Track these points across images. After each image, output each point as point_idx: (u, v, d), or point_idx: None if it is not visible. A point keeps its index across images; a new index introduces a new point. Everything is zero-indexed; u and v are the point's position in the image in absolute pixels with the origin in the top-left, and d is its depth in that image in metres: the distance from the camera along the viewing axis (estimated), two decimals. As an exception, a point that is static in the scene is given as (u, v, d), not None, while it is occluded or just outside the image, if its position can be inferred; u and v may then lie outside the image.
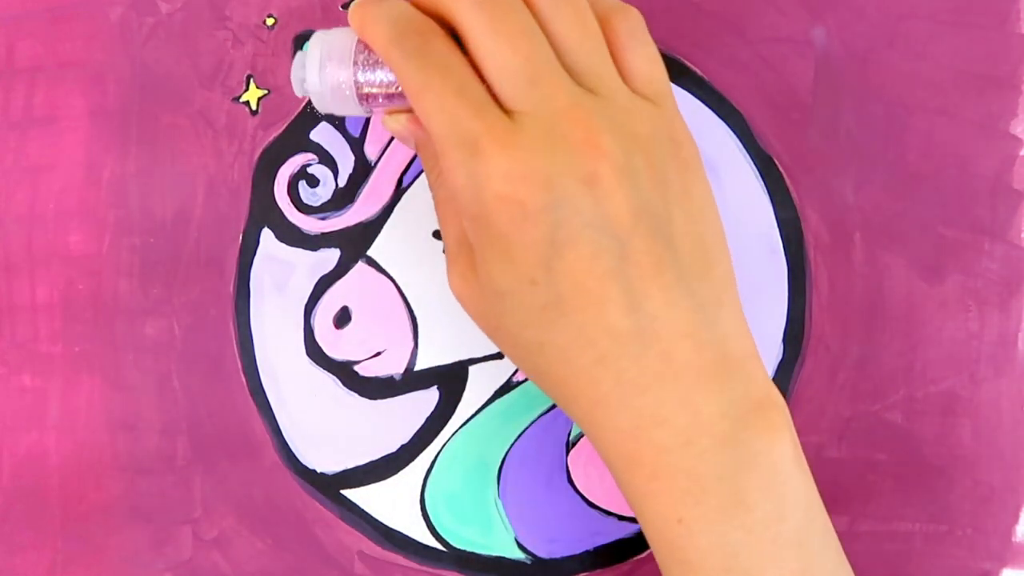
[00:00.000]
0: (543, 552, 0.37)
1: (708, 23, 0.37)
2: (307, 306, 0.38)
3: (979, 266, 0.36)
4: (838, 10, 0.37)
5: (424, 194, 0.38)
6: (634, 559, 0.37)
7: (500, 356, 0.37)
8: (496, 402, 0.37)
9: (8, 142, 0.39)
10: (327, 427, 0.38)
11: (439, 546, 0.37)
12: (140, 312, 0.38)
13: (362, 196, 0.38)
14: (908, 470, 0.36)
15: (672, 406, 0.27)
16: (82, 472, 0.38)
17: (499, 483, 0.37)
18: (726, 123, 0.37)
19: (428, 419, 0.37)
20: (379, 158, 0.38)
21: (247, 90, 0.38)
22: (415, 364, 0.37)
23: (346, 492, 0.38)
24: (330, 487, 0.38)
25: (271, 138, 0.38)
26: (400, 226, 0.38)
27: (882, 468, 0.36)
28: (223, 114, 0.38)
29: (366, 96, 0.30)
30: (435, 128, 0.27)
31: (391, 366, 0.38)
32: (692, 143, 0.29)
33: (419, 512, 0.37)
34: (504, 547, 0.37)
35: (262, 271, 0.38)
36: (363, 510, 0.37)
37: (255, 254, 0.38)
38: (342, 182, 0.38)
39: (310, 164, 0.38)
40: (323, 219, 0.38)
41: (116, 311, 0.39)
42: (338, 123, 0.38)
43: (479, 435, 0.37)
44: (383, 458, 0.37)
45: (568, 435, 0.37)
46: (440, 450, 0.37)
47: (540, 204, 0.26)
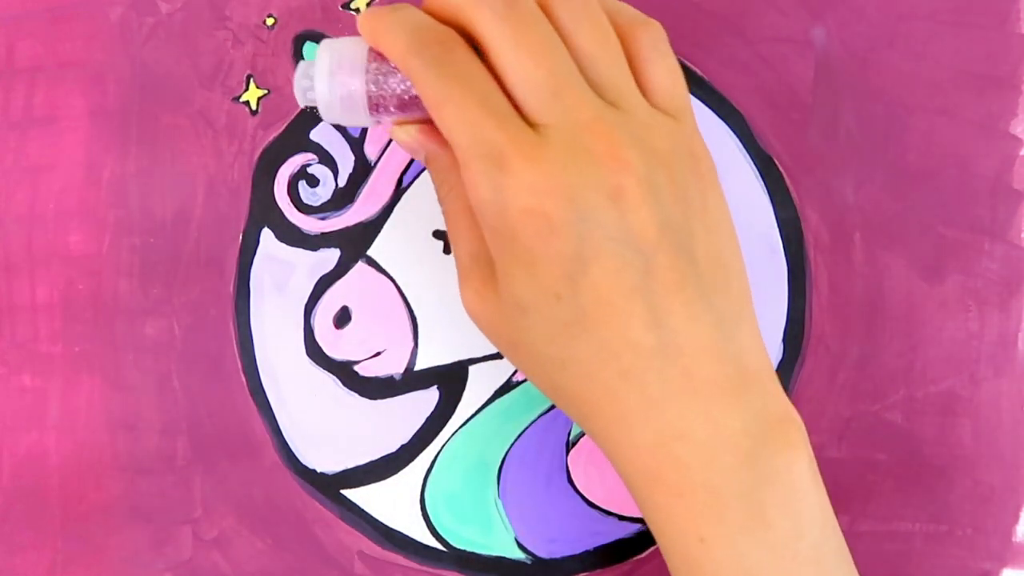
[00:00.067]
0: (543, 552, 0.37)
1: (708, 23, 0.37)
2: (307, 306, 0.38)
3: (979, 266, 0.36)
4: (838, 10, 0.37)
5: (424, 194, 0.38)
6: (634, 559, 0.37)
7: (500, 356, 0.37)
8: (496, 402, 0.37)
9: (8, 142, 0.39)
10: (327, 427, 0.38)
11: (439, 546, 0.37)
12: (140, 312, 0.38)
13: (362, 196, 0.38)
14: (908, 470, 0.36)
15: (694, 421, 0.27)
16: (82, 472, 0.38)
17: (499, 483, 0.37)
18: (726, 123, 0.37)
19: (428, 419, 0.37)
20: (379, 158, 0.38)
21: (247, 90, 0.38)
22: (415, 364, 0.37)
23: (346, 492, 0.38)
24: (330, 487, 0.38)
25: (271, 138, 0.38)
26: (400, 226, 0.38)
27: (882, 468, 0.36)
28: (223, 114, 0.38)
29: (376, 106, 0.29)
30: (458, 139, 0.27)
31: (391, 366, 0.38)
32: (709, 157, 0.29)
33: (419, 512, 0.37)
34: (504, 547, 0.37)
35: (262, 271, 0.38)
36: (363, 510, 0.37)
37: (255, 254, 0.38)
38: (342, 182, 0.38)
39: (310, 164, 0.38)
40: (323, 219, 0.38)
41: (116, 311, 0.39)
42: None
43: (479, 435, 0.37)
44: (383, 458, 0.37)
45: (568, 435, 0.37)
46: (440, 450, 0.37)
47: (566, 218, 0.26)
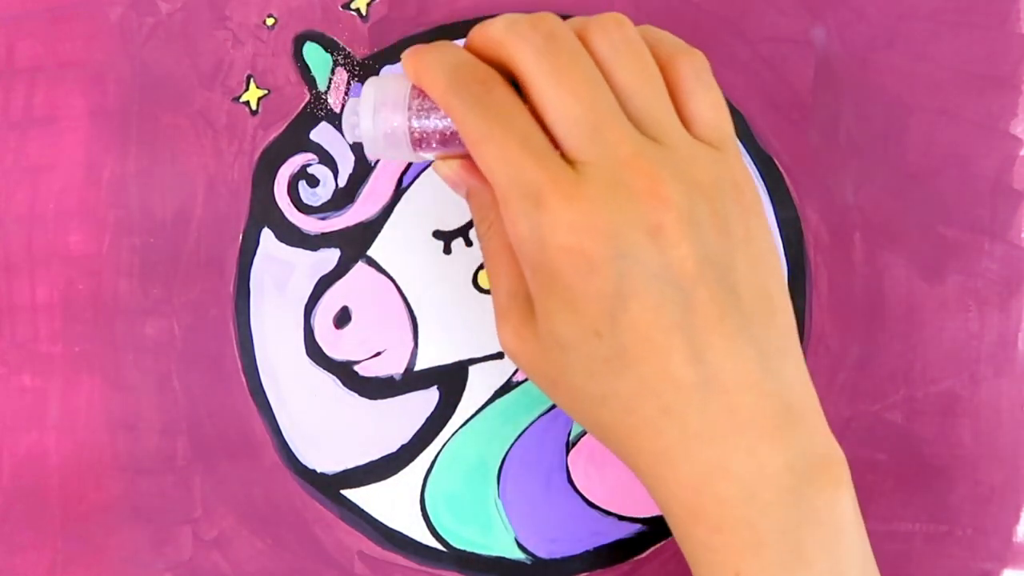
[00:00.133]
0: (543, 552, 0.37)
1: (708, 23, 0.37)
2: (307, 306, 0.38)
3: (979, 266, 0.36)
4: (838, 10, 0.37)
5: (424, 194, 0.37)
6: (634, 559, 0.37)
7: (500, 356, 0.37)
8: (496, 402, 0.37)
9: (8, 142, 0.39)
10: (327, 427, 0.38)
11: (439, 546, 0.37)
12: (140, 312, 0.38)
13: (362, 196, 0.38)
14: (908, 470, 0.36)
15: (737, 458, 0.27)
16: (82, 472, 0.38)
17: (499, 483, 0.37)
18: (726, 123, 0.37)
19: (428, 419, 0.37)
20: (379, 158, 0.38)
21: (247, 90, 0.38)
22: (415, 364, 0.37)
23: (346, 492, 0.38)
24: (330, 487, 0.38)
25: (271, 138, 0.38)
26: (400, 226, 0.38)
27: (882, 468, 0.36)
28: (223, 114, 0.38)
29: (419, 142, 0.30)
30: (497, 178, 0.27)
31: (391, 366, 0.38)
32: (753, 187, 0.29)
33: (419, 512, 0.37)
34: (504, 547, 0.37)
35: (262, 271, 0.38)
36: (363, 510, 0.37)
37: (255, 254, 0.38)
38: (342, 182, 0.38)
39: (310, 164, 0.38)
40: (323, 219, 0.38)
41: (116, 311, 0.39)
42: (338, 123, 0.38)
43: (479, 435, 0.37)
44: (383, 458, 0.37)
45: (568, 435, 0.37)
46: (440, 450, 0.37)
47: (605, 255, 0.26)
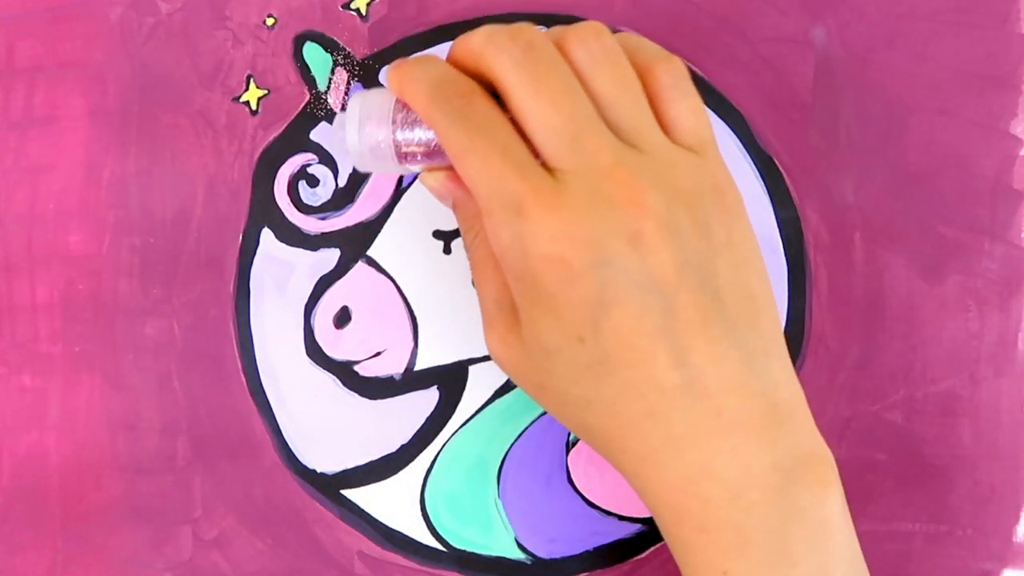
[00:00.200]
0: (543, 552, 0.37)
1: (708, 23, 0.37)
2: (307, 306, 0.38)
3: (979, 266, 0.36)
4: (838, 10, 0.37)
5: (424, 194, 0.37)
6: (634, 559, 0.37)
7: (500, 356, 0.37)
8: (496, 402, 0.37)
9: (8, 142, 0.39)
10: (327, 427, 0.38)
11: (439, 546, 0.37)
12: (140, 312, 0.38)
13: (362, 196, 0.38)
14: (908, 470, 0.36)
15: (722, 459, 0.27)
16: (82, 472, 0.38)
17: (499, 483, 0.37)
18: (726, 123, 0.37)
19: (428, 419, 0.37)
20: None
21: (247, 90, 0.38)
22: (415, 364, 0.37)
23: (346, 492, 0.38)
24: (330, 487, 0.38)
25: (271, 138, 0.38)
26: (400, 226, 0.38)
27: (882, 468, 0.36)
28: (223, 114, 0.38)
29: (405, 155, 0.30)
30: (479, 190, 0.27)
31: (391, 366, 0.38)
32: (735, 189, 0.29)
33: (419, 512, 0.37)
34: (504, 547, 0.37)
35: (262, 271, 0.38)
36: (363, 510, 0.37)
37: (255, 254, 0.38)
38: (342, 182, 0.38)
39: (310, 164, 0.38)
40: (323, 219, 0.38)
41: (116, 311, 0.39)
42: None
43: (479, 435, 0.37)
44: (383, 458, 0.37)
45: (568, 435, 0.37)
46: (440, 450, 0.37)
47: (586, 264, 0.26)
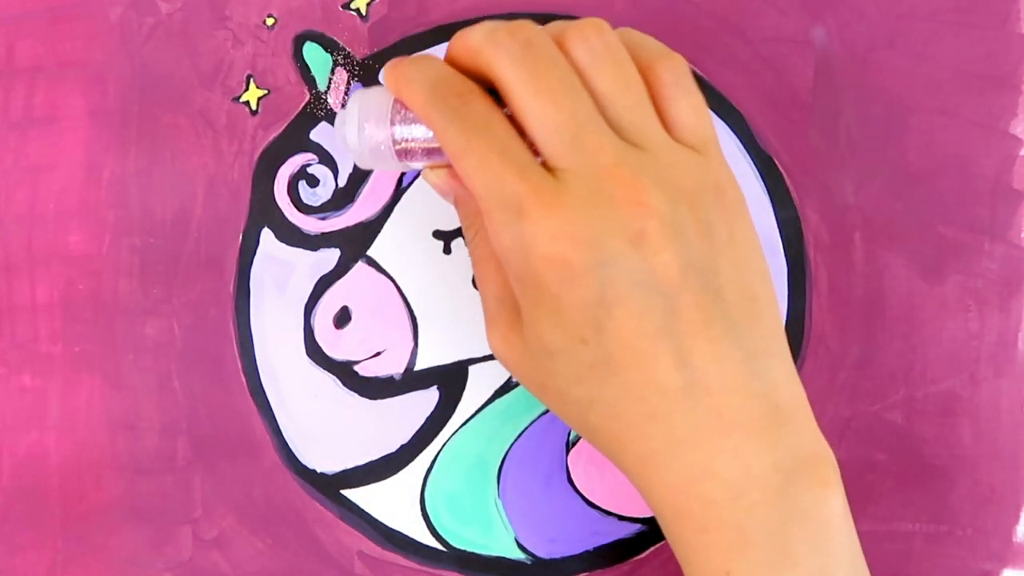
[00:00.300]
0: (543, 552, 0.37)
1: (708, 23, 0.37)
2: (307, 306, 0.38)
3: (979, 266, 0.36)
4: (838, 10, 0.37)
5: (424, 194, 0.37)
6: (634, 559, 0.37)
7: (500, 356, 0.37)
8: (496, 402, 0.37)
9: (8, 142, 0.39)
10: (327, 427, 0.38)
11: (439, 546, 0.37)
12: (140, 312, 0.38)
13: (362, 196, 0.38)
14: (908, 470, 0.36)
15: (723, 460, 0.27)
16: (82, 472, 0.38)
17: (499, 483, 0.37)
18: (726, 123, 0.37)
19: (428, 419, 0.37)
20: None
21: (247, 90, 0.38)
22: (415, 364, 0.37)
23: (346, 492, 0.38)
24: (330, 487, 0.38)
25: (271, 138, 0.38)
26: (400, 226, 0.38)
27: (882, 468, 0.36)
28: (223, 114, 0.38)
29: (404, 153, 0.30)
30: (479, 190, 0.27)
31: (391, 366, 0.38)
32: (736, 188, 0.29)
33: (419, 512, 0.37)
34: (504, 547, 0.37)
35: (262, 271, 0.38)
36: (363, 510, 0.37)
37: (255, 254, 0.38)
38: (342, 182, 0.38)
39: (310, 164, 0.38)
40: (323, 219, 0.38)
41: (116, 311, 0.39)
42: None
43: (479, 435, 0.37)
44: (383, 458, 0.37)
45: (568, 435, 0.37)
46: (440, 450, 0.37)
47: (587, 264, 0.26)
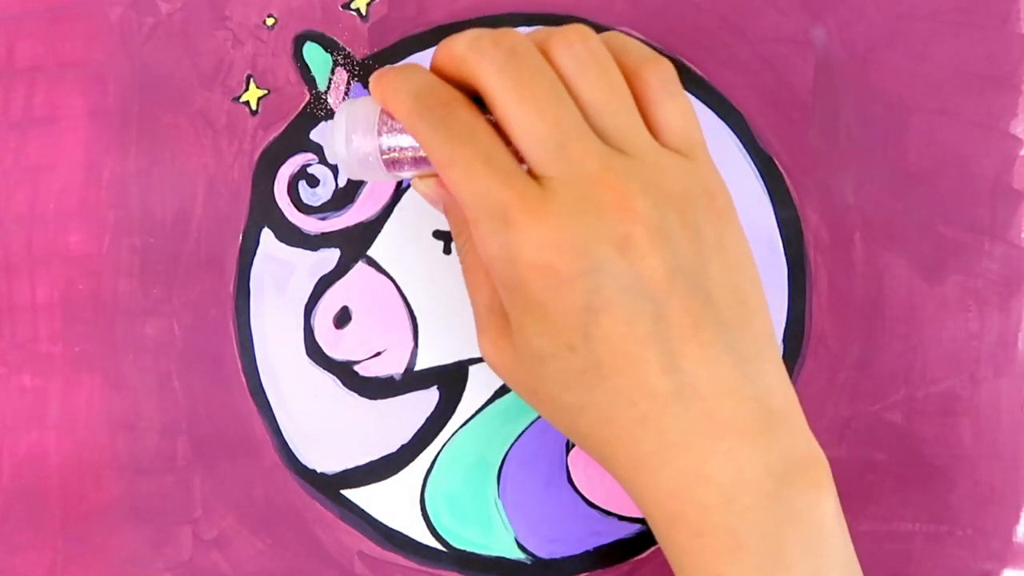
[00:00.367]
0: (543, 552, 0.37)
1: (708, 23, 0.37)
2: (307, 306, 0.38)
3: (979, 266, 0.36)
4: (838, 10, 0.37)
5: (424, 194, 0.38)
6: (634, 559, 0.37)
7: (500, 356, 0.37)
8: (496, 402, 0.37)
9: (8, 142, 0.39)
10: (327, 427, 0.38)
11: (439, 546, 0.37)
12: (140, 312, 0.38)
13: (362, 196, 0.38)
14: (908, 470, 0.36)
15: (715, 464, 0.27)
16: (82, 472, 0.38)
17: (499, 483, 0.37)
18: (726, 123, 0.37)
19: (428, 419, 0.37)
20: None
21: (247, 90, 0.38)
22: (415, 364, 0.37)
23: (346, 492, 0.38)
24: (330, 487, 0.38)
25: (271, 138, 0.38)
26: (400, 226, 0.38)
27: (882, 468, 0.36)
28: (223, 114, 0.38)
29: (392, 163, 0.30)
30: (465, 199, 0.27)
31: (391, 366, 0.38)
32: (725, 191, 0.29)
33: (419, 512, 0.37)
34: (504, 547, 0.37)
35: (262, 271, 0.38)
36: (363, 510, 0.37)
37: (255, 254, 0.38)
38: (342, 182, 0.38)
39: (310, 164, 0.38)
40: (323, 219, 0.38)
41: (116, 311, 0.39)
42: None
43: (479, 435, 0.37)
44: (383, 458, 0.37)
45: (568, 435, 0.37)
46: (440, 450, 0.37)
47: (574, 271, 0.26)
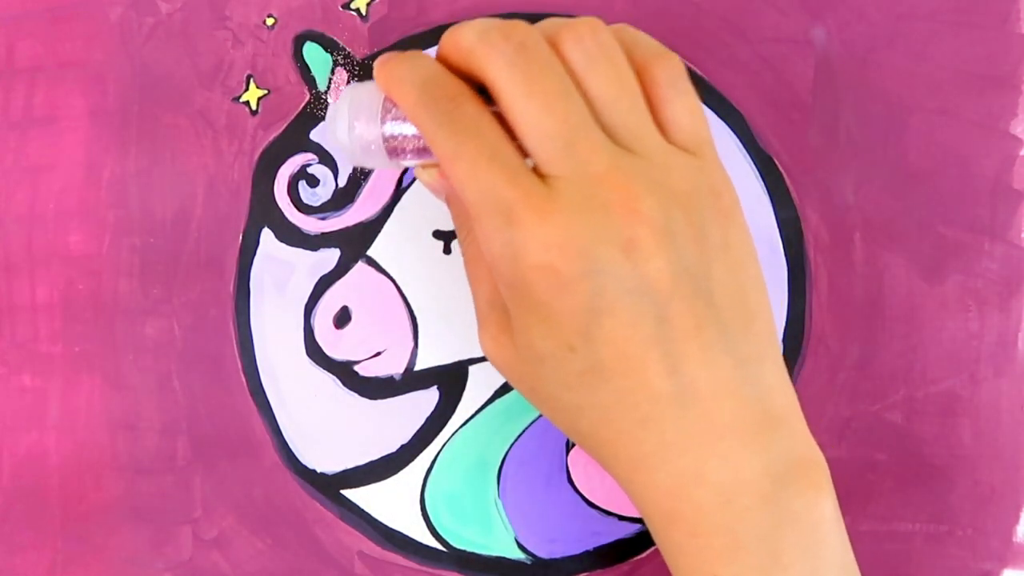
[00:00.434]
0: (543, 552, 0.37)
1: (708, 23, 0.37)
2: (307, 306, 0.38)
3: (979, 266, 0.36)
4: (838, 10, 0.37)
5: (424, 194, 0.37)
6: (634, 559, 0.37)
7: (500, 356, 0.37)
8: (496, 402, 0.37)
9: (8, 142, 0.39)
10: (327, 427, 0.38)
11: (439, 546, 0.37)
12: (140, 312, 0.38)
13: (362, 196, 0.38)
14: (908, 470, 0.36)
15: (713, 465, 0.27)
16: (82, 472, 0.38)
17: (499, 483, 0.37)
18: (726, 123, 0.37)
19: (428, 419, 0.37)
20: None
21: (247, 90, 0.38)
22: (415, 364, 0.37)
23: (346, 492, 0.38)
24: (330, 487, 0.38)
25: (271, 138, 0.38)
26: (400, 226, 0.38)
27: (882, 468, 0.36)
28: (223, 114, 0.38)
29: (394, 151, 0.30)
30: (469, 195, 0.27)
31: (391, 366, 0.38)
32: (732, 190, 0.29)
33: (419, 512, 0.37)
34: (504, 547, 0.37)
35: (262, 271, 0.38)
36: (363, 510, 0.37)
37: (255, 254, 0.38)
38: (342, 182, 0.38)
39: (310, 164, 0.38)
40: (323, 219, 0.38)
41: (116, 311, 0.39)
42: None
43: (479, 435, 0.37)
44: (383, 458, 0.37)
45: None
46: (440, 450, 0.37)
47: (578, 272, 0.26)
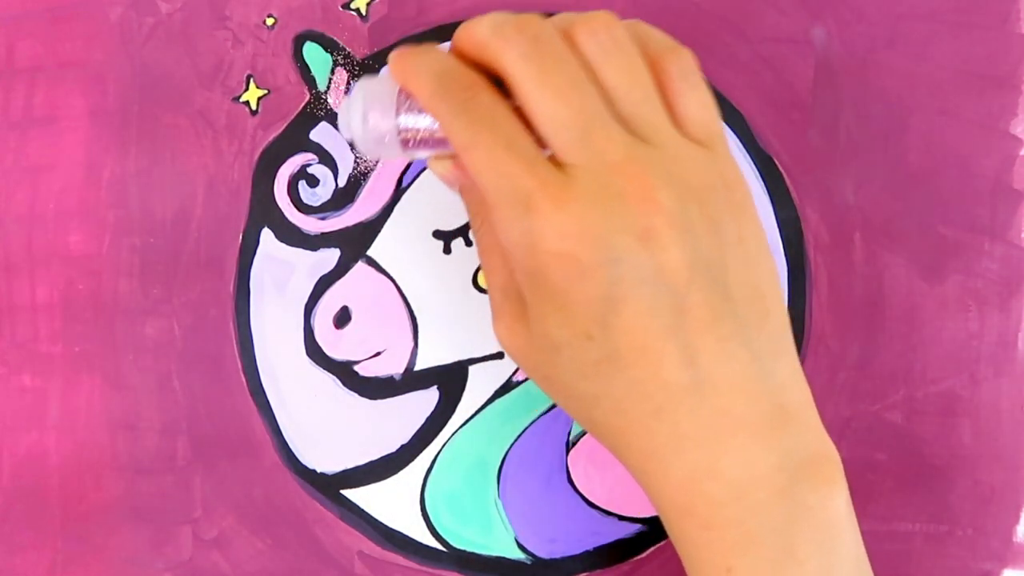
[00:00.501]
0: (543, 552, 0.37)
1: (708, 23, 0.37)
2: (307, 306, 0.38)
3: (979, 266, 0.36)
4: (838, 10, 0.37)
5: (424, 194, 0.38)
6: (634, 559, 0.37)
7: (500, 356, 0.37)
8: (496, 402, 0.37)
9: (8, 142, 0.39)
10: (327, 427, 0.38)
11: (439, 546, 0.37)
12: (140, 312, 0.38)
13: (362, 196, 0.38)
14: (908, 470, 0.36)
15: (727, 459, 0.27)
16: (82, 472, 0.38)
17: (499, 483, 0.37)
18: (726, 123, 0.37)
19: (428, 419, 0.37)
20: (373, 157, 0.38)
21: (247, 90, 0.38)
22: (415, 364, 0.37)
23: (346, 492, 0.38)
24: (330, 487, 0.38)
25: (271, 138, 0.38)
26: (400, 226, 0.38)
27: (882, 468, 0.36)
28: (223, 114, 0.38)
29: (408, 142, 0.30)
30: (486, 185, 0.27)
31: (391, 366, 0.38)
32: (744, 185, 0.29)
33: (419, 512, 0.37)
34: (504, 547, 0.37)
35: (262, 271, 0.38)
36: (363, 510, 0.37)
37: (255, 254, 0.38)
38: (342, 182, 0.38)
39: (310, 164, 0.38)
40: (323, 219, 0.38)
41: (116, 311, 0.39)
42: (338, 123, 0.38)
43: (479, 435, 0.37)
44: (383, 458, 0.37)
45: (568, 435, 0.37)
46: (440, 450, 0.37)
47: (596, 261, 0.26)
